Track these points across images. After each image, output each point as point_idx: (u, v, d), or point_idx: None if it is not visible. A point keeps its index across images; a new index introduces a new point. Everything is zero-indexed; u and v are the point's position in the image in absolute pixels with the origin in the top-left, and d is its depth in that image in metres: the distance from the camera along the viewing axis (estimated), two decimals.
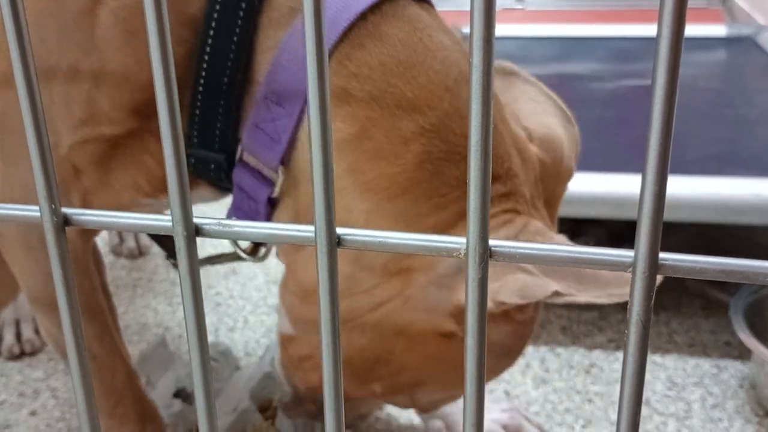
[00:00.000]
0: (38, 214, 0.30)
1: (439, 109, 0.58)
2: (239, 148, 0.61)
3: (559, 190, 0.69)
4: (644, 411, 0.97)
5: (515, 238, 0.59)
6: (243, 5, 0.56)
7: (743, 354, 1.07)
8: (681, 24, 0.22)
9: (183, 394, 0.95)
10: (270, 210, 0.62)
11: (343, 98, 0.57)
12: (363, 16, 0.57)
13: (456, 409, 0.90)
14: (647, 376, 1.03)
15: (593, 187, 1.04)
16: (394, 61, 0.57)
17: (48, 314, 0.73)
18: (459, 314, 0.60)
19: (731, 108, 1.42)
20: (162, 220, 0.30)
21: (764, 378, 0.96)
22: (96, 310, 0.73)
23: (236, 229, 0.29)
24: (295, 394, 0.79)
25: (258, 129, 0.59)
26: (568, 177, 0.70)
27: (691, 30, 1.92)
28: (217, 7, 0.56)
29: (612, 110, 1.43)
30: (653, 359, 1.07)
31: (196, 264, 0.29)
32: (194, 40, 0.57)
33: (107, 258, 1.41)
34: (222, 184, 0.65)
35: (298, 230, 0.29)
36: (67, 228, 0.30)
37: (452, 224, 0.59)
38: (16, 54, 0.28)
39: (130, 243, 1.40)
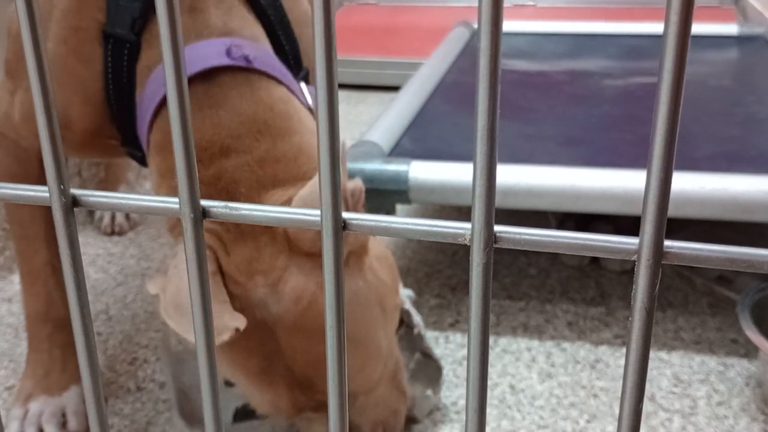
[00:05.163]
0: (47, 194, 0.30)
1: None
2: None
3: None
4: (649, 407, 0.97)
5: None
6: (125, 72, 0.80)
7: (750, 352, 1.07)
8: (689, 15, 0.22)
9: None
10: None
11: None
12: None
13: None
14: (653, 372, 1.03)
15: (601, 183, 1.04)
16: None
17: None
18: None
19: (742, 106, 1.41)
20: (170, 203, 0.30)
21: None
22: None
23: (243, 212, 0.29)
24: None
25: (141, 122, 0.81)
26: None
27: (704, 29, 1.91)
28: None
29: (621, 107, 1.43)
30: (659, 356, 1.07)
31: (202, 245, 0.29)
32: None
33: (116, 247, 1.42)
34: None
35: (305, 214, 0.29)
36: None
37: None
38: (29, 47, 0.28)
39: (119, 218, 1.49)
